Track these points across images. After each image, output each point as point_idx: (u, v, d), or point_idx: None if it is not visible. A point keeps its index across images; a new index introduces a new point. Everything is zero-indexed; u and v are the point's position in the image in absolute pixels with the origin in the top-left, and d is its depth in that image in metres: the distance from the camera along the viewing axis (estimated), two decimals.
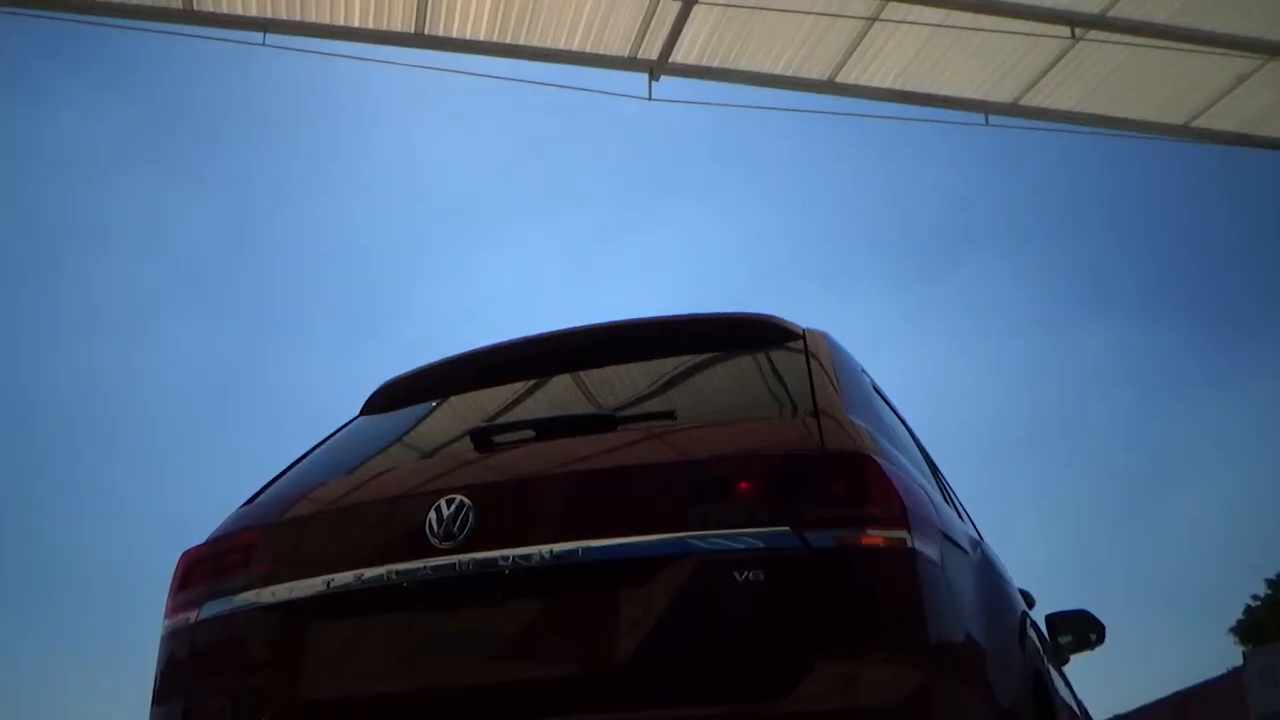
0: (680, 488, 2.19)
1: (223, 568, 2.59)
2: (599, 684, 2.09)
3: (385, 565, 2.31)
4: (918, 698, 1.97)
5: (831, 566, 2.07)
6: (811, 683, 1.96)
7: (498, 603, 2.23)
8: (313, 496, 2.61)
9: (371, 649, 2.33)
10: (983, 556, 2.82)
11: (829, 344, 2.78)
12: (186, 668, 2.54)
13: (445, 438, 2.83)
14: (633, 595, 2.13)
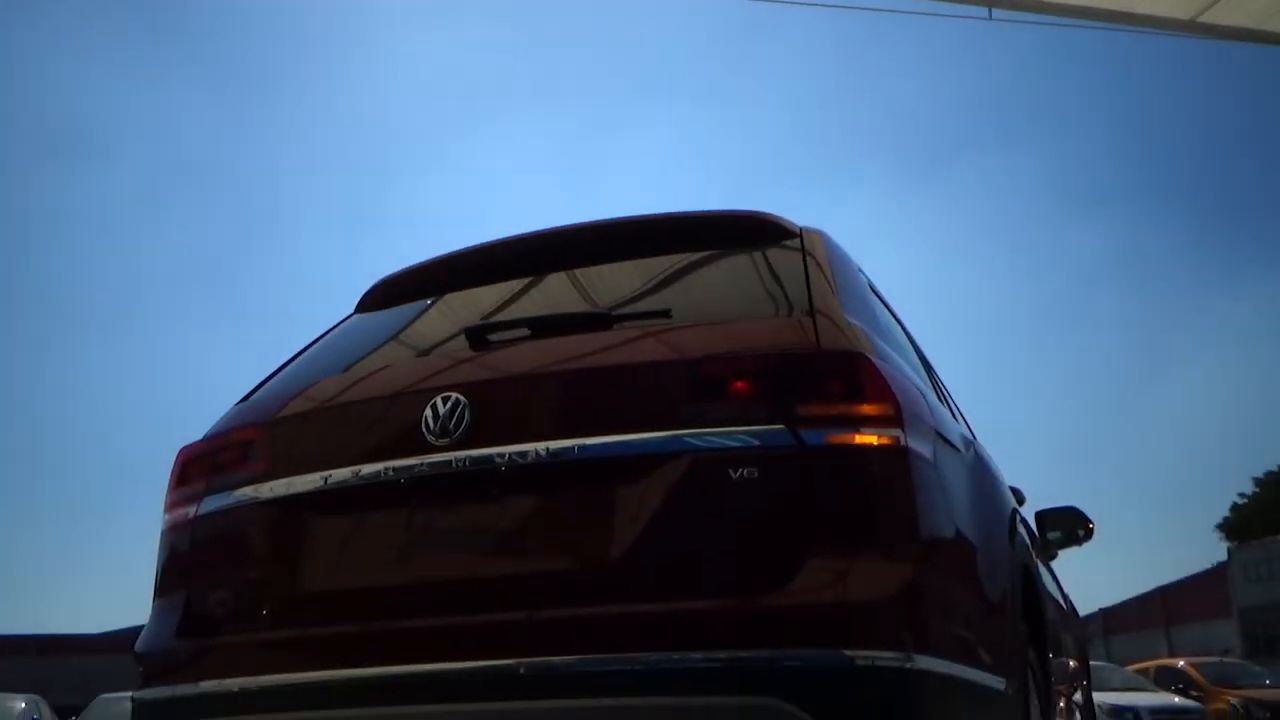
0: (676, 386, 2.19)
1: (220, 464, 2.61)
2: (594, 578, 2.12)
3: (382, 462, 2.33)
4: (908, 593, 2.00)
5: (826, 464, 2.08)
6: (804, 578, 1.99)
7: (494, 499, 2.26)
8: (309, 394, 2.62)
9: (369, 544, 2.36)
10: (975, 455, 2.84)
11: (825, 242, 2.76)
12: (186, 562, 2.58)
13: (440, 335, 2.83)
14: (628, 492, 2.15)
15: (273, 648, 2.33)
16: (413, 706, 2.11)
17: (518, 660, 2.05)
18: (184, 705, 2.38)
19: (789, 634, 1.95)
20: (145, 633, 2.60)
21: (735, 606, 1.99)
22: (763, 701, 1.90)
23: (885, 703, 1.94)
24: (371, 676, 2.15)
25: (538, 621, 2.10)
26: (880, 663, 1.93)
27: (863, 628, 1.95)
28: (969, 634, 2.21)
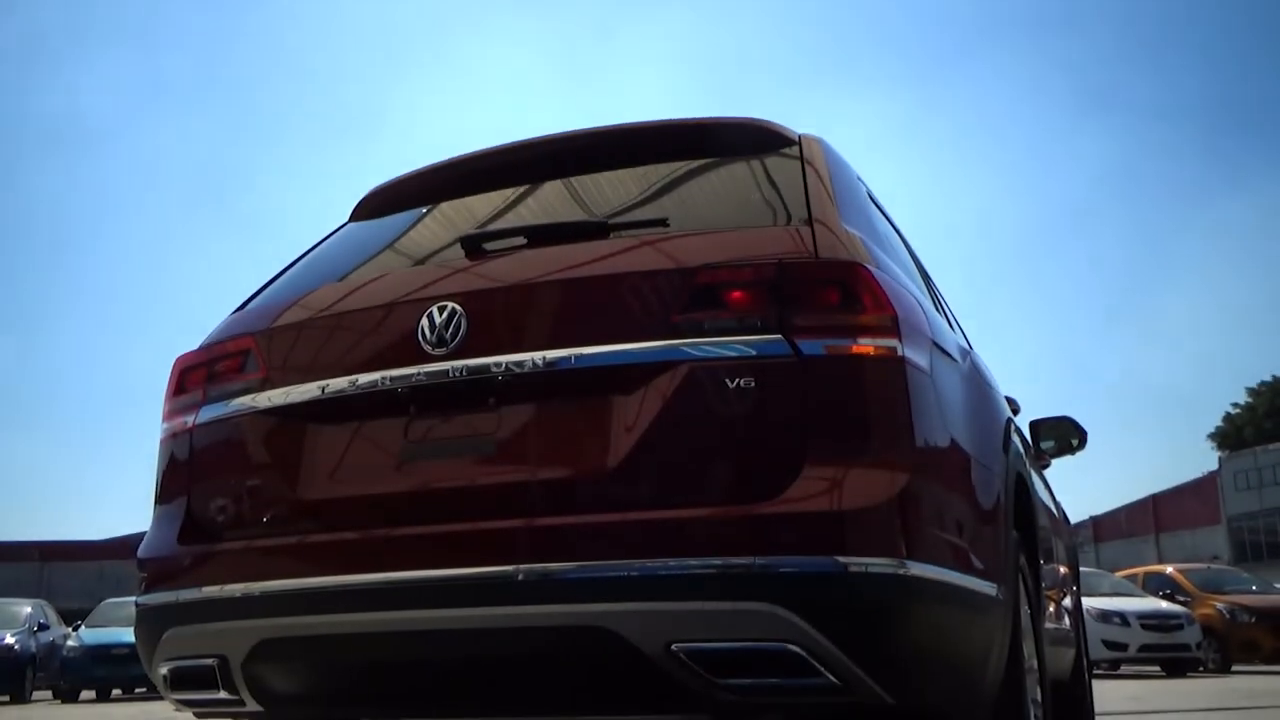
0: (673, 295, 2.19)
1: (217, 374, 2.61)
2: (592, 487, 2.14)
3: (379, 371, 2.33)
4: (903, 500, 2.02)
5: (822, 374, 2.09)
6: (800, 486, 2.00)
7: (491, 409, 2.26)
8: (304, 303, 2.61)
9: (367, 453, 2.37)
10: (971, 365, 2.85)
11: (824, 150, 2.73)
12: (185, 470, 2.59)
13: (436, 244, 2.81)
14: (625, 401, 2.16)
15: (272, 554, 2.36)
16: (412, 612, 2.14)
17: (516, 566, 2.07)
18: (186, 610, 2.42)
19: (785, 541, 1.97)
20: (147, 539, 2.63)
21: (731, 514, 2.01)
22: (758, 607, 1.93)
23: (879, 608, 1.97)
24: (371, 583, 2.18)
25: (536, 529, 2.12)
26: (874, 569, 1.96)
27: (857, 535, 1.97)
28: (962, 541, 2.24)
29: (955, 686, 2.23)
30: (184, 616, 2.42)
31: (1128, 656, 15.06)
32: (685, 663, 1.98)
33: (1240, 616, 16.15)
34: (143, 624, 2.53)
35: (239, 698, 2.40)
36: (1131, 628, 14.91)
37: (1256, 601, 16.59)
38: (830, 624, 1.94)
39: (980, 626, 2.28)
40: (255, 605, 2.31)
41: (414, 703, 2.43)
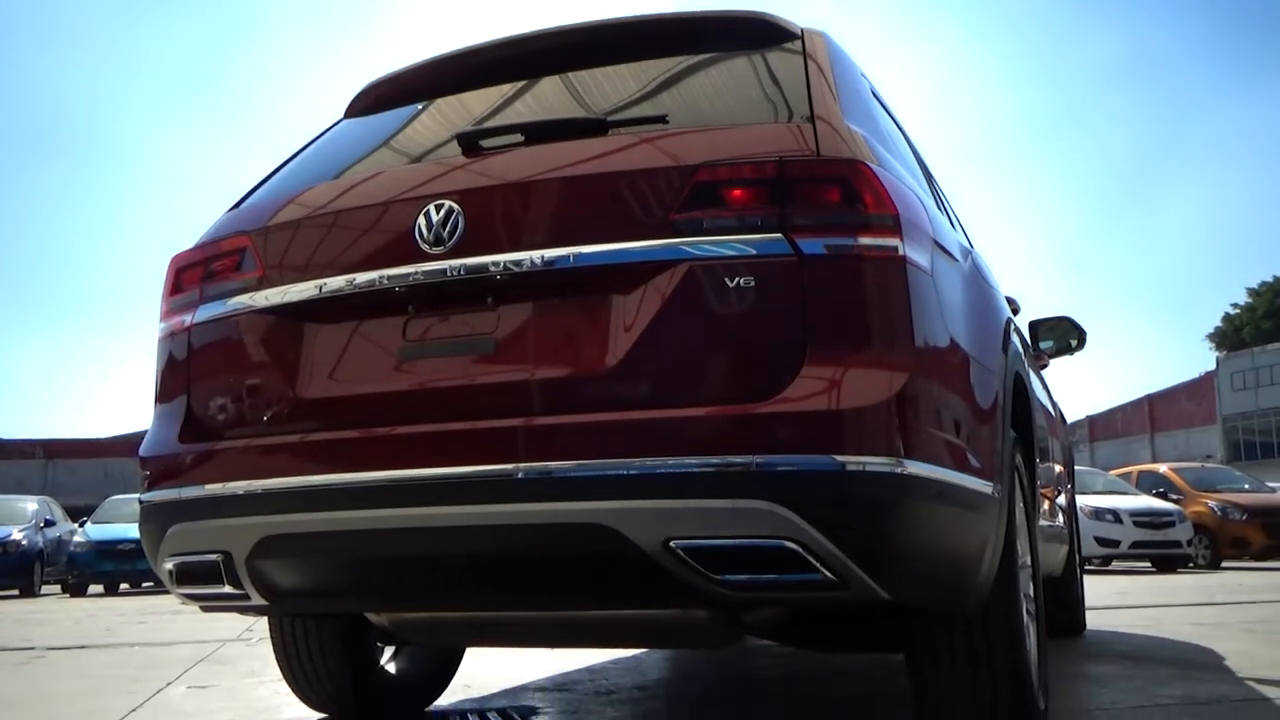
0: (672, 194, 2.16)
1: (213, 272, 2.60)
2: (591, 386, 2.14)
3: (377, 270, 2.32)
4: (901, 400, 2.03)
5: (822, 273, 2.07)
6: (798, 385, 2.01)
7: (489, 308, 2.26)
8: (300, 201, 2.59)
9: (366, 352, 2.37)
10: (972, 264, 2.83)
11: (827, 45, 2.68)
12: (184, 369, 2.60)
13: (432, 141, 2.77)
14: (623, 301, 2.15)
15: (273, 452, 2.37)
16: (413, 509, 2.16)
17: (515, 465, 2.09)
18: (189, 507, 2.44)
19: (783, 440, 1.98)
20: (148, 438, 2.65)
21: (730, 413, 2.02)
22: (756, 505, 1.95)
23: (876, 506, 1.98)
24: (372, 481, 2.20)
25: (535, 428, 2.13)
26: (872, 468, 1.97)
27: (856, 434, 1.98)
28: (959, 440, 2.25)
29: (950, 582, 2.27)
30: (187, 514, 2.45)
31: (1119, 553, 15.29)
32: (683, 559, 2.00)
33: (1231, 514, 16.37)
34: (147, 521, 2.56)
35: (244, 592, 2.44)
36: (1124, 525, 15.12)
37: (1248, 500, 16.80)
38: (827, 522, 1.95)
39: (976, 524, 2.30)
40: (257, 503, 2.33)
41: (417, 596, 2.47)
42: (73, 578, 16.77)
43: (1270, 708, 3.24)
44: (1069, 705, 3.34)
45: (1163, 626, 6.10)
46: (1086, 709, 3.30)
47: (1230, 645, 5.01)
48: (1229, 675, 3.98)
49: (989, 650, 2.51)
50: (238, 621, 7.49)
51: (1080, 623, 5.81)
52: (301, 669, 3.23)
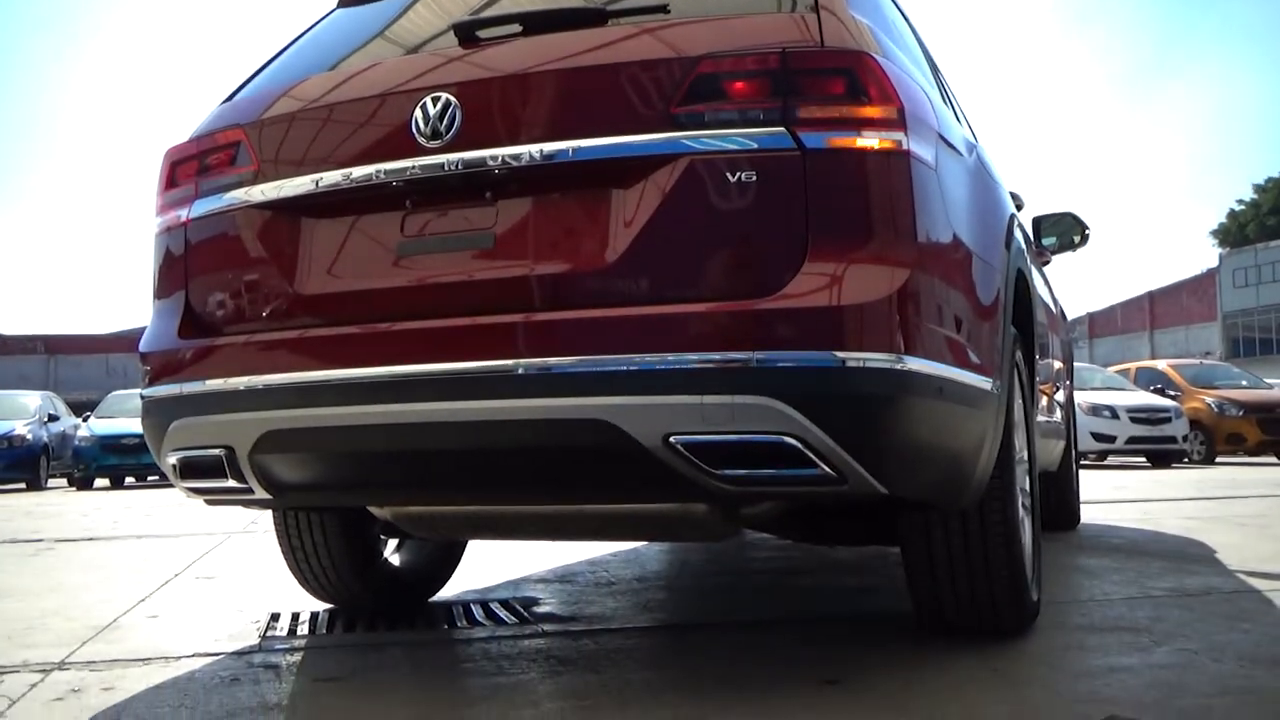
0: (673, 86, 2.12)
1: (208, 166, 2.57)
2: (591, 281, 2.13)
3: (373, 164, 2.29)
4: (902, 296, 2.02)
5: (825, 168, 2.05)
6: (799, 281, 2.00)
7: (488, 202, 2.24)
8: (294, 94, 2.54)
9: (364, 247, 2.36)
10: (976, 159, 2.80)
11: None
12: (181, 265, 2.58)
13: (428, 32, 2.71)
14: (623, 195, 2.13)
15: (273, 348, 2.37)
16: (414, 405, 2.16)
17: (515, 361, 2.08)
18: (191, 402, 2.45)
19: (783, 336, 1.98)
20: (147, 333, 2.64)
21: (730, 309, 2.01)
22: (756, 401, 1.95)
23: (875, 402, 1.99)
24: (373, 376, 2.20)
25: (534, 323, 2.12)
26: (872, 364, 1.97)
27: (856, 330, 1.98)
28: (960, 336, 2.25)
29: (947, 478, 2.29)
30: (189, 408, 2.46)
31: (1115, 448, 15.42)
32: (683, 454, 2.01)
33: (1228, 410, 16.47)
34: (149, 416, 2.57)
35: (247, 486, 2.46)
36: (1120, 420, 15.23)
37: (1245, 396, 16.89)
38: (827, 417, 1.96)
39: (974, 420, 2.31)
40: (259, 398, 2.34)
41: (419, 490, 2.49)
42: (79, 472, 16.94)
43: (1259, 599, 3.30)
44: (1062, 596, 3.39)
45: (1156, 520, 6.18)
46: (1079, 600, 3.36)
47: (1222, 539, 5.08)
48: (1219, 568, 4.05)
49: (984, 544, 2.55)
50: (243, 515, 7.60)
51: (1075, 516, 5.88)
52: (306, 561, 3.28)
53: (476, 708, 2.22)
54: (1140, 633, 2.78)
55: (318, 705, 2.28)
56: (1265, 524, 5.88)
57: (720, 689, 2.32)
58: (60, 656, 2.79)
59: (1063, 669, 2.42)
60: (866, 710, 2.10)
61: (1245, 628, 2.83)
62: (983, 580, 2.59)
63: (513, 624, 3.16)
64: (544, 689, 2.35)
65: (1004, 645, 2.65)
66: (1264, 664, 2.40)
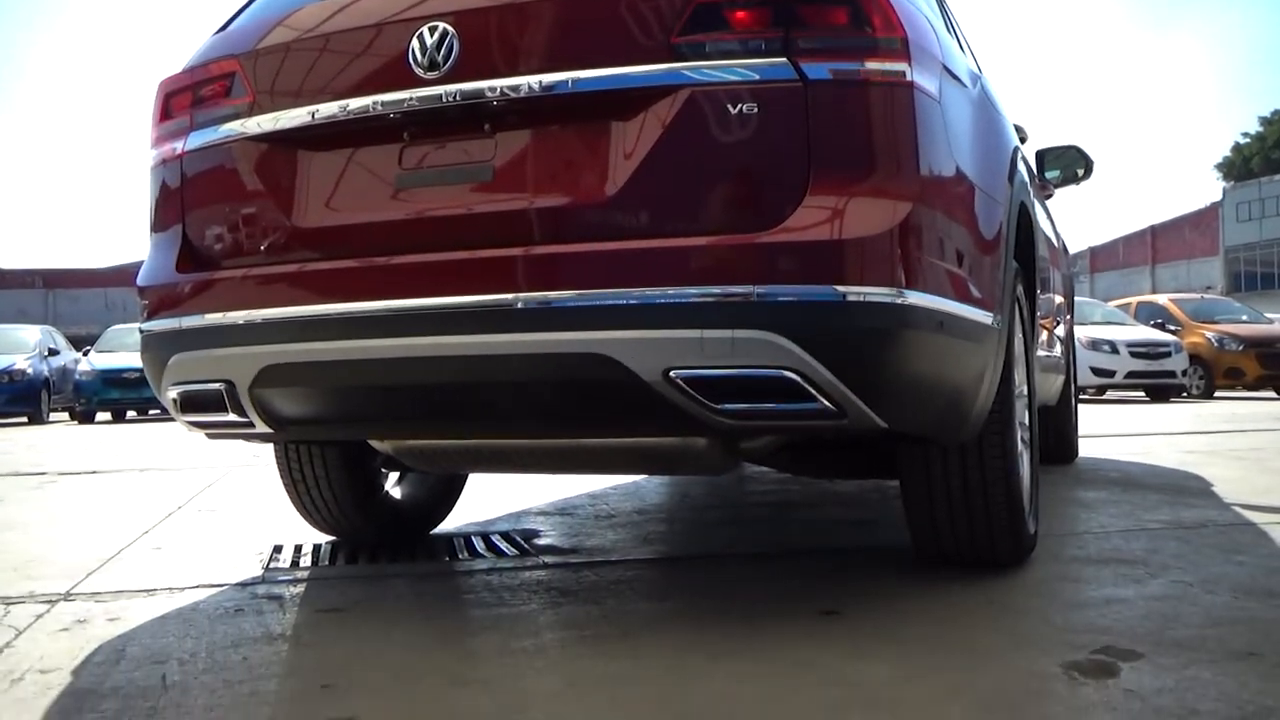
0: (673, 15, 2.09)
1: (203, 98, 2.53)
2: (590, 215, 2.12)
3: (370, 95, 2.26)
4: (904, 230, 2.00)
5: (827, 99, 2.02)
6: (801, 215, 1.98)
7: (487, 134, 2.21)
8: (289, 23, 2.50)
9: (362, 180, 2.34)
10: (981, 91, 2.76)
11: None
12: (178, 197, 2.56)
13: None
14: (623, 127, 2.11)
15: (272, 282, 2.36)
16: (413, 339, 2.16)
17: (515, 295, 2.08)
18: (190, 336, 2.45)
19: (784, 269, 1.97)
20: (145, 267, 2.63)
21: (731, 242, 2.00)
22: (756, 335, 1.95)
23: (876, 336, 1.98)
24: (372, 310, 2.19)
25: (534, 257, 2.11)
26: (872, 298, 1.96)
27: (857, 264, 1.97)
28: (961, 271, 2.23)
29: (947, 412, 2.29)
30: (188, 343, 2.45)
31: (1114, 383, 15.46)
32: (683, 389, 2.01)
33: (1228, 345, 16.48)
34: (148, 350, 2.57)
35: (248, 420, 2.47)
36: (1120, 355, 15.24)
37: (1245, 331, 16.89)
38: (827, 352, 1.96)
39: (975, 355, 2.31)
40: (258, 332, 2.33)
41: (418, 424, 2.50)
42: (80, 406, 16.99)
43: (1255, 532, 3.32)
44: (1058, 529, 3.42)
45: (1153, 454, 6.21)
46: (1075, 532, 3.38)
47: (1219, 472, 5.11)
48: (1216, 501, 4.07)
49: (983, 477, 2.56)
50: (245, 448, 7.63)
51: (1073, 450, 5.91)
52: (308, 494, 3.30)
53: (478, 638, 2.24)
54: (1136, 565, 2.80)
55: (321, 635, 2.30)
56: (1262, 458, 5.91)
57: (720, 619, 2.34)
58: (65, 587, 2.82)
59: (1059, 600, 2.44)
60: (864, 639, 2.12)
61: (1240, 560, 2.86)
62: (981, 513, 2.61)
63: (514, 556, 3.18)
64: (545, 620, 2.37)
65: (1001, 577, 2.68)
66: (1258, 595, 2.42)
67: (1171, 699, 1.70)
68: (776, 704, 1.73)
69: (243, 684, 1.92)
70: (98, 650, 2.18)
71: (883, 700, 1.74)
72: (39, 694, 1.88)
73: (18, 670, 2.04)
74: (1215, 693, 1.72)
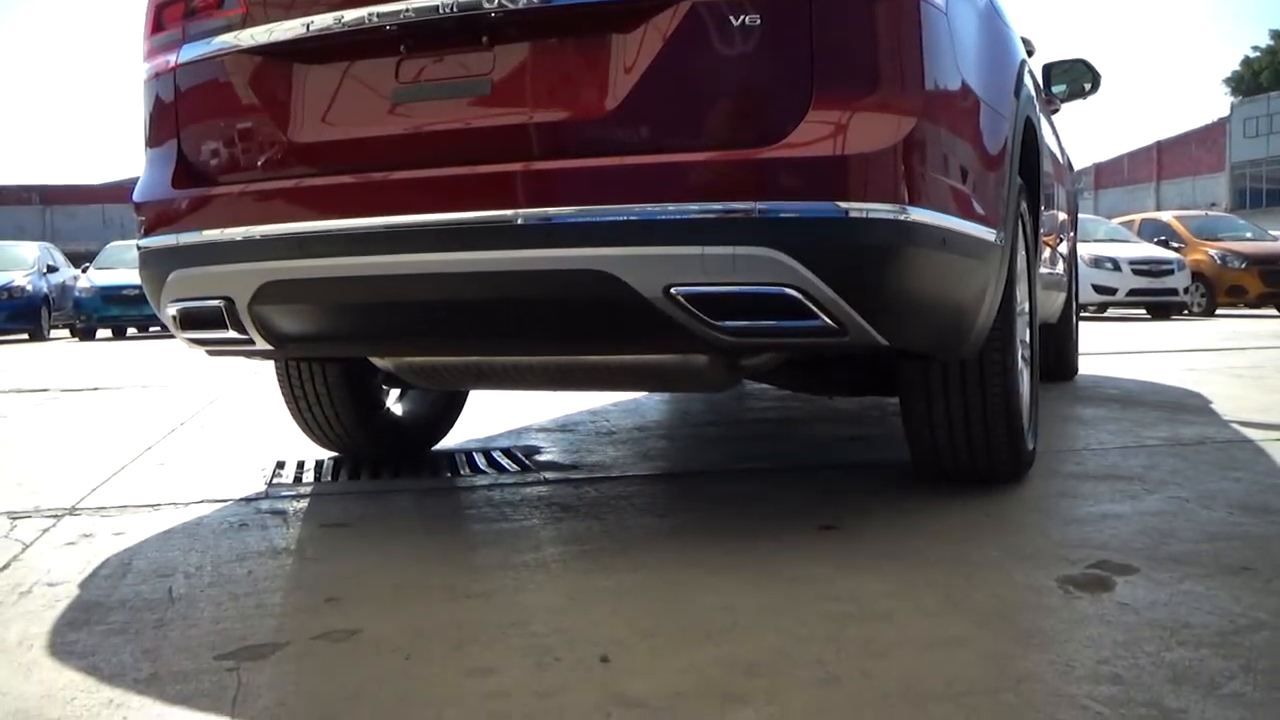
0: None
1: (195, 9, 2.48)
2: (590, 130, 2.09)
3: (365, 7, 2.22)
4: (908, 145, 1.98)
5: (831, 11, 1.98)
6: (803, 130, 1.95)
7: (485, 47, 2.17)
8: None
9: (358, 94, 2.30)
10: (987, 2, 2.71)
11: None
12: (172, 112, 2.53)
13: None
14: (624, 40, 2.07)
15: (269, 198, 2.34)
16: (412, 255, 2.15)
17: (515, 211, 2.06)
18: (188, 253, 2.43)
19: (786, 186, 1.95)
20: (141, 183, 2.61)
21: (733, 158, 1.98)
22: (757, 252, 1.94)
23: (878, 253, 1.97)
24: (370, 227, 2.18)
25: (533, 173, 2.09)
26: (875, 214, 1.94)
27: (860, 180, 1.95)
28: (965, 187, 2.21)
29: (948, 329, 2.29)
30: (186, 259, 2.44)
31: (1116, 300, 15.44)
32: (684, 305, 2.01)
33: (1231, 262, 16.42)
34: (146, 267, 2.56)
35: (248, 337, 2.47)
36: (1122, 272, 15.20)
37: (1248, 248, 16.82)
38: (829, 269, 1.95)
39: (977, 272, 2.30)
40: (257, 248, 2.32)
41: (418, 341, 2.50)
42: (80, 323, 16.99)
43: (1252, 448, 3.34)
44: (1057, 446, 3.44)
45: (1153, 371, 6.22)
46: (1074, 449, 3.40)
47: (1218, 389, 5.12)
48: (1214, 418, 4.09)
49: (983, 394, 2.57)
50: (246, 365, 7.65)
51: (1073, 368, 5.92)
52: (309, 411, 3.31)
53: (480, 552, 2.26)
54: (1133, 481, 2.82)
55: (325, 549, 2.33)
56: (1262, 375, 5.92)
57: (720, 533, 2.36)
58: (70, 502, 2.84)
59: (1055, 516, 2.46)
60: (861, 553, 2.15)
61: (1237, 476, 2.88)
62: (980, 429, 2.62)
63: (515, 472, 3.20)
64: (546, 534, 2.39)
65: (999, 493, 2.70)
66: (1253, 511, 2.44)
67: (1165, 612, 1.72)
68: (776, 617, 1.75)
69: (248, 597, 1.94)
70: (104, 564, 2.20)
71: (880, 613, 1.76)
72: (47, 606, 1.91)
73: (25, 583, 2.06)
74: (1208, 606, 1.75)
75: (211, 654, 1.63)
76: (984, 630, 1.67)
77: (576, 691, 1.45)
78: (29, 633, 1.76)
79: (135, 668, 1.58)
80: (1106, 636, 1.61)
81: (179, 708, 1.42)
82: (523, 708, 1.40)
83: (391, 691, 1.47)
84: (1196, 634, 1.61)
